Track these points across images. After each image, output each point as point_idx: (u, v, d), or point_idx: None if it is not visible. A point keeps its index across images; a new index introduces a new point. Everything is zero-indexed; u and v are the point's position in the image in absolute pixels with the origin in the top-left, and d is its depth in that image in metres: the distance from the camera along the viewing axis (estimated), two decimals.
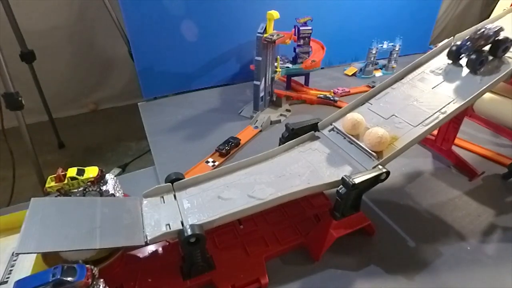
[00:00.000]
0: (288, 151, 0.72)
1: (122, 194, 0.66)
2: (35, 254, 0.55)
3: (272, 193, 0.61)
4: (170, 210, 0.59)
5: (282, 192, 0.60)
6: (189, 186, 0.65)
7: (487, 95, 1.02)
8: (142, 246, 0.62)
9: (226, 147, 0.93)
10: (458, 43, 0.74)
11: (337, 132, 0.72)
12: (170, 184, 0.64)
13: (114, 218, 0.55)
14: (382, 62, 1.53)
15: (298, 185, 0.62)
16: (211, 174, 0.67)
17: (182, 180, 0.65)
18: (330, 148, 0.70)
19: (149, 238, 0.52)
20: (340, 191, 0.58)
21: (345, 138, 0.70)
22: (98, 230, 0.52)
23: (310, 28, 1.17)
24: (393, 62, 1.48)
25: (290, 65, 1.21)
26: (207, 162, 0.90)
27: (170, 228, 0.55)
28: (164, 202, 0.61)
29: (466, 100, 0.67)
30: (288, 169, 0.66)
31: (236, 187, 0.64)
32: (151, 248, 0.63)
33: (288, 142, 0.73)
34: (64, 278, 0.43)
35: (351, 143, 0.68)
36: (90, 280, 0.45)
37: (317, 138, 0.74)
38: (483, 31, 0.69)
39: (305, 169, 0.66)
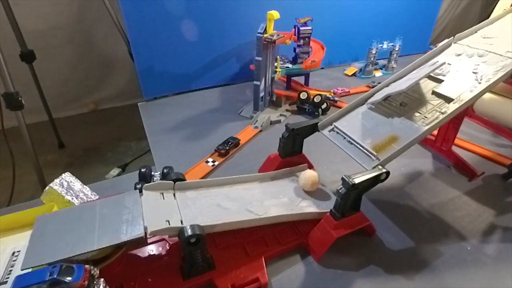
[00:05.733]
0: (284, 179, 0.76)
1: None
2: None
3: (268, 211, 0.64)
4: (169, 207, 0.60)
5: (280, 212, 0.64)
6: (189, 189, 0.67)
7: (487, 95, 1.03)
8: (143, 242, 0.62)
9: (226, 147, 0.93)
10: None
11: (337, 132, 0.72)
12: (172, 182, 0.65)
13: (113, 216, 0.55)
14: (382, 62, 1.53)
15: (292, 210, 0.66)
16: (212, 182, 0.70)
17: (183, 182, 0.66)
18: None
19: (149, 230, 0.52)
20: (340, 191, 0.58)
21: (345, 138, 0.70)
22: (97, 231, 0.52)
23: (310, 28, 1.17)
24: (393, 62, 1.48)
25: (290, 65, 1.21)
26: (207, 162, 0.90)
27: (170, 225, 0.55)
28: (164, 199, 0.62)
29: (466, 100, 0.67)
30: (284, 193, 0.71)
31: (235, 199, 0.67)
32: (151, 248, 0.63)
33: (284, 170, 0.77)
34: (60, 278, 0.43)
35: (351, 143, 0.68)
36: (86, 282, 0.45)
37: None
38: None
39: (299, 197, 0.71)
